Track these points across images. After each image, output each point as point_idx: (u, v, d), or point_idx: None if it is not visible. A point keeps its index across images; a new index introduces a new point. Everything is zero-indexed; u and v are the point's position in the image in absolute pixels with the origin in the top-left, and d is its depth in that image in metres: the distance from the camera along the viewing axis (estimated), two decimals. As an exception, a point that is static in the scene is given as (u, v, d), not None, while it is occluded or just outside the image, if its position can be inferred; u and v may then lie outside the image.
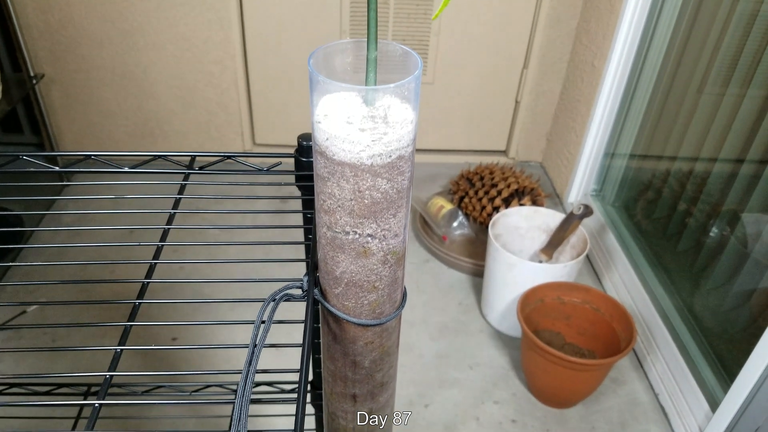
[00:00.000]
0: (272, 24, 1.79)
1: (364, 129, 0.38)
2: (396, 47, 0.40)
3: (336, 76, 0.42)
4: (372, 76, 0.40)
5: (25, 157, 0.58)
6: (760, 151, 1.17)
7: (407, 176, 0.41)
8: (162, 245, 0.54)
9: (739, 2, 1.22)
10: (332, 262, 0.44)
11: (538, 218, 1.50)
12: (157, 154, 0.58)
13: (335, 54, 0.41)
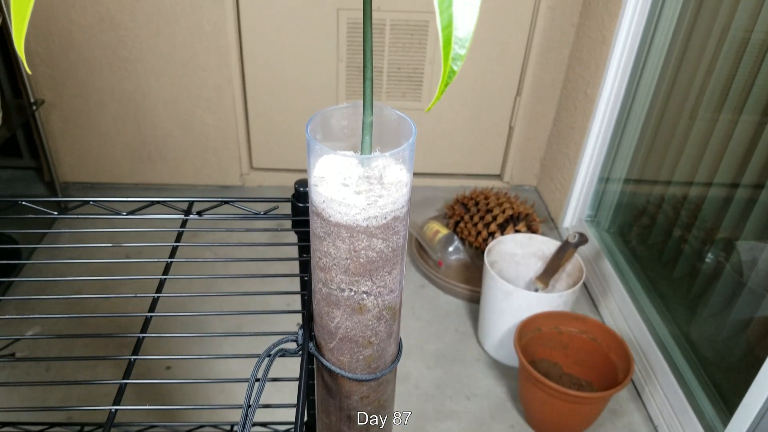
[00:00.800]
0: (270, 50, 1.81)
1: (359, 192, 0.39)
2: (391, 112, 0.41)
3: (333, 135, 0.43)
4: (368, 139, 0.41)
5: (24, 202, 0.59)
6: (754, 176, 1.18)
7: (402, 235, 0.42)
8: (158, 296, 0.54)
9: (730, 30, 1.24)
10: (327, 317, 0.44)
11: (533, 245, 1.50)
12: (155, 200, 0.59)
13: (332, 117, 0.42)
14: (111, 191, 2.02)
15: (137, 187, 2.04)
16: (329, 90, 1.90)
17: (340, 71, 1.86)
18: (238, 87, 1.86)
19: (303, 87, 1.89)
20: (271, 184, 2.10)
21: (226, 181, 2.06)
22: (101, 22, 1.71)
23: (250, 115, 1.95)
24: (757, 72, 1.17)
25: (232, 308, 1.42)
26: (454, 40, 0.24)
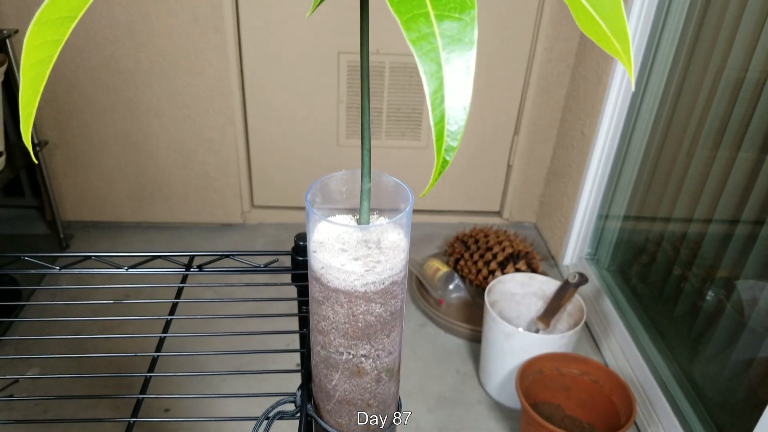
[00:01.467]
0: (272, 91, 1.84)
1: (358, 258, 0.40)
2: (389, 179, 0.42)
3: (332, 199, 0.44)
4: (366, 205, 0.42)
5: (26, 257, 0.60)
6: (753, 213, 1.19)
7: (400, 298, 0.42)
8: (158, 355, 0.55)
9: (725, 71, 1.26)
10: (325, 379, 0.44)
11: (533, 285, 1.50)
12: (156, 255, 0.60)
13: (331, 182, 0.43)
14: (112, 230, 2.03)
15: (139, 225, 2.05)
16: (330, 130, 1.92)
17: (340, 111, 1.89)
18: (240, 127, 1.89)
19: (304, 127, 1.92)
20: (271, 221, 2.11)
21: (228, 219, 2.07)
22: (105, 66, 1.74)
23: (252, 154, 1.97)
24: (753, 110, 1.19)
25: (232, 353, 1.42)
26: (447, 134, 0.25)
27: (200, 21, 1.67)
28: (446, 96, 0.25)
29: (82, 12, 0.25)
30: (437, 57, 0.25)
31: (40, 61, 0.24)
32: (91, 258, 0.59)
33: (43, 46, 0.24)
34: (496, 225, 2.06)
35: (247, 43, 1.76)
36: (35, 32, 0.24)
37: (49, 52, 0.25)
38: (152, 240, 2.00)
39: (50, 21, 0.24)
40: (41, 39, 0.24)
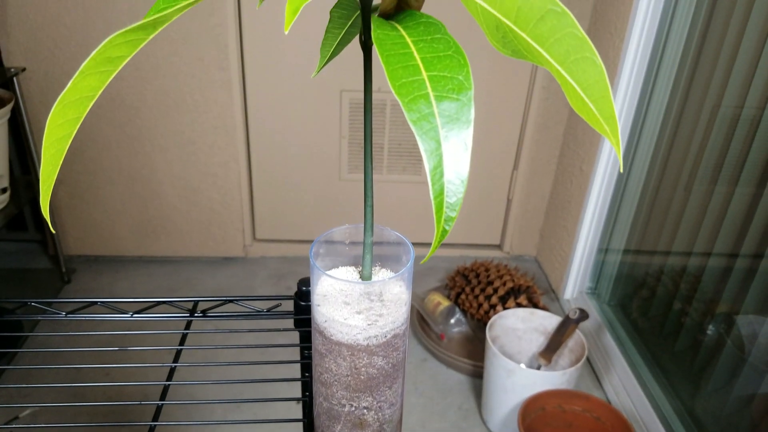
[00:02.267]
0: (275, 128, 1.87)
1: (360, 311, 0.41)
2: (391, 233, 0.44)
3: (335, 251, 0.46)
4: (369, 258, 0.43)
5: (33, 303, 0.61)
6: (751, 247, 1.20)
7: (402, 350, 0.43)
8: (162, 404, 0.55)
9: (720, 108, 1.29)
10: (328, 431, 0.45)
11: (535, 320, 1.51)
12: (161, 301, 0.61)
13: (335, 235, 0.44)
14: (114, 264, 2.04)
15: (141, 260, 2.06)
16: (332, 165, 1.95)
17: (342, 147, 1.91)
18: (244, 163, 1.91)
19: (307, 162, 1.94)
20: (273, 255, 2.12)
21: (229, 253, 2.08)
22: (111, 103, 1.77)
23: (255, 188, 1.99)
24: (749, 146, 1.21)
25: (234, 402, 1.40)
26: (446, 206, 0.27)
27: (206, 60, 1.71)
28: (445, 171, 0.26)
29: (101, 91, 0.26)
30: (437, 135, 0.26)
31: (61, 138, 0.26)
32: (96, 303, 0.60)
33: (64, 124, 0.26)
34: (496, 258, 2.07)
35: (252, 81, 1.79)
36: (58, 112, 0.25)
37: (69, 129, 0.26)
38: (153, 274, 2.01)
39: (72, 102, 0.25)
40: (63, 118, 0.25)
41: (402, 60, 0.27)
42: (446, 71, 0.27)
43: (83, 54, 1.69)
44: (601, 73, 0.24)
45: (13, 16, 1.63)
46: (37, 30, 1.66)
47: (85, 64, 0.24)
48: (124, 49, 0.25)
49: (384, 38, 0.27)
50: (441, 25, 0.28)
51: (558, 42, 0.24)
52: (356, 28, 0.40)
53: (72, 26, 1.65)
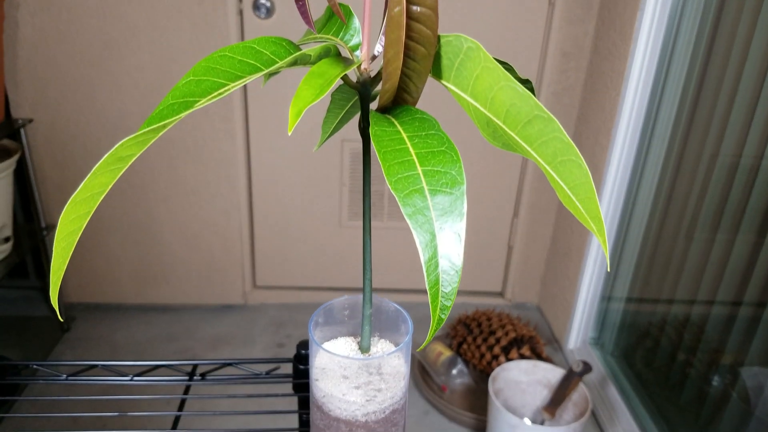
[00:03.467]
0: (278, 177, 1.89)
1: (359, 386, 0.41)
2: (389, 305, 0.44)
3: (334, 320, 0.46)
4: (367, 329, 0.43)
5: (35, 366, 0.61)
6: (754, 295, 1.20)
7: (401, 425, 0.43)
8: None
9: (719, 157, 1.30)
10: (328, 505, 0.44)
11: (538, 372, 1.49)
12: (160, 364, 0.61)
13: (334, 307, 0.45)
14: (114, 312, 2.03)
15: (140, 307, 2.05)
16: (332, 212, 1.96)
17: (343, 195, 1.93)
18: (245, 211, 1.92)
19: (308, 210, 1.96)
20: (273, 302, 2.11)
21: (229, 300, 2.07)
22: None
23: (256, 236, 2.00)
24: (749, 194, 1.22)
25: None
26: (441, 295, 0.27)
27: (210, 112, 1.74)
28: (440, 262, 0.27)
29: (110, 186, 0.27)
30: (431, 228, 0.27)
31: (71, 232, 0.27)
32: (97, 366, 0.60)
33: (75, 219, 0.27)
34: (498, 306, 2.06)
35: (255, 131, 1.82)
36: (70, 210, 0.26)
37: (80, 224, 0.27)
38: (153, 322, 2.00)
39: (83, 199, 0.26)
40: (75, 214, 0.26)
41: (398, 155, 0.28)
42: (440, 166, 0.28)
43: (89, 106, 1.73)
44: (586, 176, 0.25)
45: (23, 70, 1.67)
46: (44, 82, 1.70)
47: (98, 166, 0.25)
48: (135, 148, 0.26)
49: (381, 134, 0.28)
50: (435, 121, 0.29)
51: (545, 144, 0.25)
52: (356, 109, 0.41)
53: (79, 79, 1.69)
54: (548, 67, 1.74)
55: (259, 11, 1.64)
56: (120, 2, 1.60)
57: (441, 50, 0.28)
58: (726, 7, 1.28)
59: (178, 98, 0.29)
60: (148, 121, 0.28)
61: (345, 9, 0.34)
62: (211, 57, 0.29)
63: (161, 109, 0.29)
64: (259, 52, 0.29)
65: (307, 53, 0.29)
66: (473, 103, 0.28)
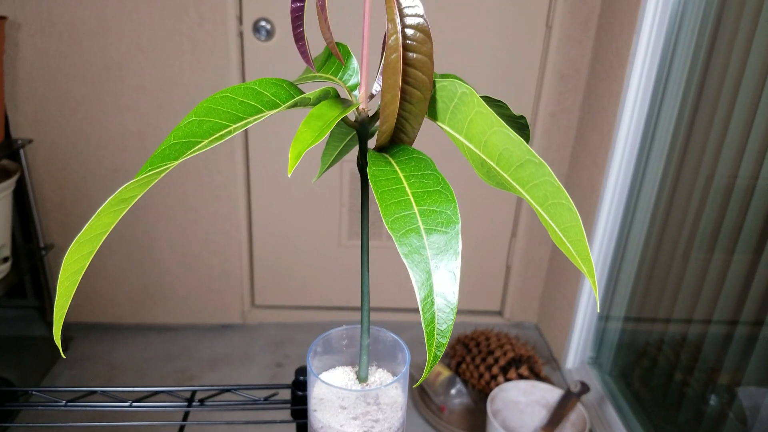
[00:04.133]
0: (277, 196, 1.90)
1: (356, 417, 0.41)
2: (387, 335, 0.45)
3: (333, 349, 0.46)
4: (365, 359, 0.43)
5: (34, 392, 0.61)
6: (750, 315, 1.20)
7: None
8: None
9: (714, 178, 1.31)
10: None
11: (536, 393, 1.49)
12: (159, 390, 0.61)
13: (333, 337, 0.45)
14: (112, 332, 2.02)
15: (138, 327, 2.05)
16: (332, 232, 1.97)
17: (342, 215, 1.94)
18: (245, 231, 1.93)
19: (307, 229, 1.96)
20: (272, 321, 2.11)
21: (227, 320, 2.07)
22: (114, 172, 1.81)
23: (255, 255, 2.00)
24: (744, 214, 1.23)
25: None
26: (437, 333, 0.28)
27: (209, 132, 1.75)
28: (436, 300, 0.28)
29: (113, 227, 0.28)
30: (427, 267, 0.28)
31: (75, 271, 0.27)
32: (96, 392, 0.60)
33: (79, 259, 0.27)
34: (497, 326, 2.06)
35: (255, 151, 1.83)
36: (74, 250, 0.27)
37: (83, 263, 0.28)
38: (151, 342, 1.99)
39: (87, 240, 0.27)
40: (78, 254, 0.27)
41: (395, 195, 0.29)
42: (435, 205, 0.28)
43: (89, 126, 1.74)
44: (576, 219, 0.25)
45: (23, 90, 1.69)
46: (45, 103, 1.71)
47: (102, 208, 0.26)
48: (137, 190, 0.26)
49: (379, 174, 0.29)
50: (430, 161, 0.30)
51: (536, 187, 0.26)
52: (354, 142, 0.42)
53: (79, 99, 1.71)
54: (546, 88, 1.76)
55: (259, 34, 1.66)
56: (121, 23, 1.62)
57: (436, 94, 0.29)
58: (721, 30, 1.30)
59: (180, 138, 0.29)
60: (151, 160, 0.29)
61: (343, 49, 0.35)
62: (213, 98, 0.30)
63: (163, 148, 0.29)
64: (260, 93, 0.30)
65: (306, 96, 0.30)
66: (468, 145, 0.28)
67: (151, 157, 0.29)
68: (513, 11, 1.68)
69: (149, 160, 0.29)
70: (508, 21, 1.69)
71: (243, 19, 1.66)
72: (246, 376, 1.86)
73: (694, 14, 1.37)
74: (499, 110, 0.35)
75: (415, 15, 0.26)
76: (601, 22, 1.64)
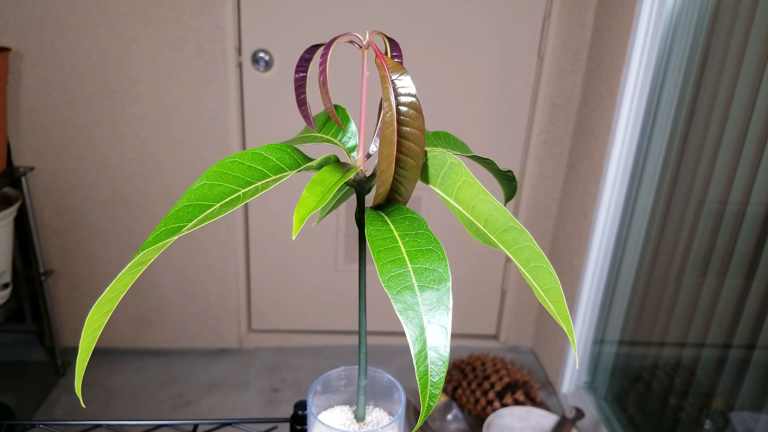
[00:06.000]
0: (274, 222, 1.92)
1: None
2: (383, 376, 0.47)
3: (332, 388, 0.48)
4: (362, 399, 0.45)
5: (42, 425, 0.62)
6: (743, 339, 1.22)
7: (394, 491, 0.45)
8: None
9: (706, 202, 1.34)
10: None
11: (532, 419, 1.50)
12: (162, 423, 0.62)
13: (332, 377, 0.47)
14: (109, 356, 2.03)
15: (135, 351, 2.05)
16: (328, 256, 1.99)
17: (339, 240, 1.96)
18: (242, 256, 1.95)
19: (304, 254, 1.98)
20: (268, 345, 2.12)
21: (224, 344, 2.08)
22: (113, 198, 1.83)
23: (252, 280, 2.02)
24: (735, 239, 1.26)
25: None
26: (430, 384, 0.30)
27: (208, 160, 1.78)
28: (429, 354, 0.30)
29: (129, 287, 0.30)
30: (421, 323, 0.30)
31: (96, 328, 0.30)
32: (102, 426, 0.62)
33: (99, 317, 0.29)
34: (493, 349, 2.07)
35: (251, 178, 1.86)
36: (96, 310, 0.29)
37: (103, 321, 0.30)
38: (147, 366, 2.00)
39: (108, 300, 0.29)
40: (99, 313, 0.29)
41: (390, 254, 0.31)
42: (428, 263, 0.31)
43: (89, 154, 1.76)
44: (555, 281, 0.28)
45: (24, 119, 1.71)
46: (46, 131, 1.74)
47: (123, 272, 0.28)
48: (154, 253, 0.29)
49: (375, 234, 0.32)
50: (423, 220, 0.32)
51: (519, 250, 0.28)
52: (352, 192, 0.44)
53: (80, 127, 1.74)
54: (538, 117, 1.79)
55: (258, 65, 1.70)
56: (121, 54, 1.66)
57: (428, 161, 0.32)
58: (709, 61, 1.34)
59: (192, 201, 0.32)
60: (164, 221, 0.31)
61: (342, 113, 0.37)
62: (223, 162, 0.33)
63: (176, 210, 0.32)
64: (267, 158, 0.33)
65: (311, 164, 0.32)
66: (457, 207, 0.31)
67: (164, 218, 0.31)
68: (506, 42, 1.72)
69: (163, 221, 0.31)
70: (501, 52, 1.73)
71: (242, 50, 1.70)
72: (242, 400, 1.86)
73: (683, 46, 1.41)
74: (488, 166, 0.38)
75: (407, 94, 0.29)
76: (591, 54, 1.68)
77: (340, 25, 1.68)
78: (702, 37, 1.36)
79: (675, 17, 1.42)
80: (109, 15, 1.62)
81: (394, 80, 0.30)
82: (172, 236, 0.30)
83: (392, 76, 0.30)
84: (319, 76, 0.32)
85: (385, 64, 0.30)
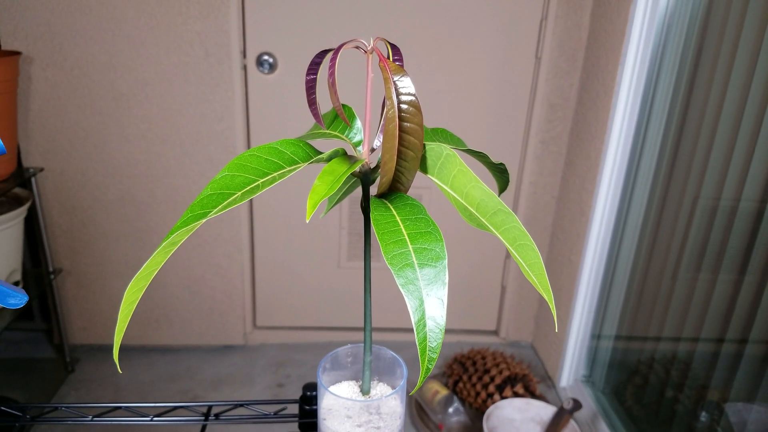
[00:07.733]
0: (278, 220, 1.96)
1: (360, 425, 0.47)
2: (387, 353, 0.51)
3: (339, 364, 0.52)
4: (368, 374, 0.49)
5: (64, 407, 0.66)
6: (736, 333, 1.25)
7: (397, 458, 0.49)
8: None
9: (700, 199, 1.38)
10: None
11: (531, 410, 1.54)
12: (177, 405, 0.66)
13: (339, 354, 0.51)
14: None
15: (142, 348, 2.09)
16: (332, 254, 2.03)
17: (342, 237, 2.00)
18: (247, 254, 1.99)
19: (308, 252, 2.02)
20: (273, 341, 2.16)
21: (229, 341, 2.12)
22: (121, 199, 1.87)
23: (257, 277, 2.06)
24: (728, 234, 1.29)
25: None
26: (428, 349, 0.34)
27: (214, 161, 1.82)
28: (427, 322, 0.34)
29: (162, 264, 0.34)
30: (420, 295, 0.34)
31: (133, 301, 0.34)
32: (121, 408, 0.66)
33: (136, 291, 0.33)
34: (493, 345, 2.11)
35: (256, 177, 1.90)
36: (134, 284, 0.33)
37: (139, 294, 0.34)
38: (154, 363, 2.04)
39: (143, 276, 0.33)
40: (136, 287, 0.33)
41: (393, 236, 0.35)
42: (426, 244, 0.35)
43: (98, 155, 1.81)
44: (537, 257, 0.32)
45: (34, 121, 1.76)
46: (55, 133, 1.78)
47: (157, 251, 0.32)
48: (184, 235, 0.33)
49: (380, 218, 0.35)
50: (422, 207, 0.36)
51: (507, 230, 0.32)
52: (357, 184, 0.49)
53: (88, 129, 1.78)
54: (536, 116, 1.83)
55: (262, 67, 1.74)
56: (130, 57, 1.70)
57: (426, 154, 0.36)
58: (702, 61, 1.38)
59: (216, 189, 0.36)
60: (191, 208, 0.35)
61: (348, 111, 0.41)
62: (243, 155, 0.37)
63: (201, 198, 0.36)
64: (282, 152, 0.37)
65: (321, 156, 0.36)
66: (453, 194, 0.35)
67: (191, 205, 0.35)
68: (504, 43, 1.76)
69: (189, 208, 0.35)
70: (500, 53, 1.77)
71: (247, 53, 1.74)
72: (248, 396, 1.90)
73: (676, 46, 1.45)
74: (482, 159, 0.42)
75: (407, 93, 0.33)
76: (587, 54, 1.72)
77: (342, 28, 1.73)
78: (694, 37, 1.40)
79: (668, 18, 1.46)
80: (117, 19, 1.66)
81: (395, 81, 0.34)
82: (199, 221, 0.34)
83: (394, 78, 0.34)
84: (329, 78, 0.36)
85: (387, 67, 0.34)
